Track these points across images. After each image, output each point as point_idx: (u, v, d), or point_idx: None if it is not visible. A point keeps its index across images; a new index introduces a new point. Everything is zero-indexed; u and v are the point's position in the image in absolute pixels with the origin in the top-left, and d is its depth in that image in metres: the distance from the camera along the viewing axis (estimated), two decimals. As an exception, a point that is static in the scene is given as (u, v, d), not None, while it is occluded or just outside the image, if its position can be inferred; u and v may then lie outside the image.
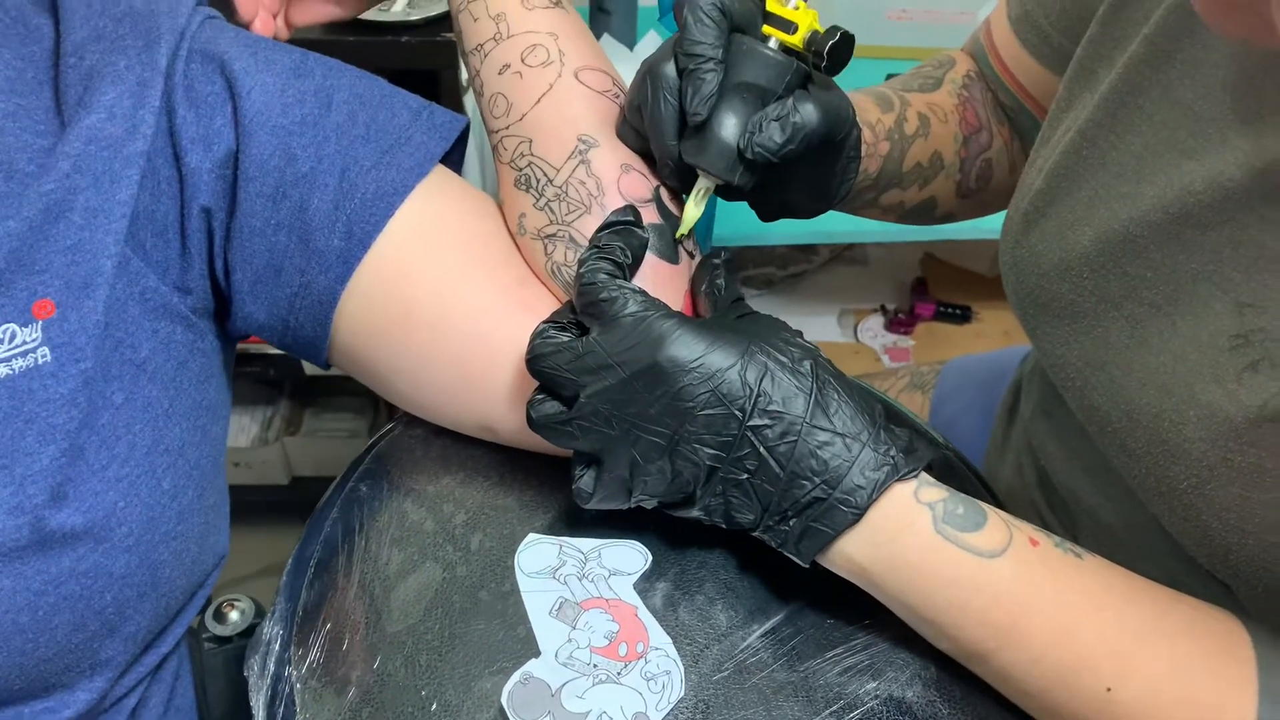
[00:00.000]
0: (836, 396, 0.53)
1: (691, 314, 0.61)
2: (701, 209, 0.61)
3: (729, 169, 0.58)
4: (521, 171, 0.62)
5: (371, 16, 1.13)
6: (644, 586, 0.59)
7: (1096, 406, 0.62)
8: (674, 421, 0.52)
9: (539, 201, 0.62)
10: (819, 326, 1.85)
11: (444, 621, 0.57)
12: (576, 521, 0.62)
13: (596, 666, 0.54)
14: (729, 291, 0.60)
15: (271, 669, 0.57)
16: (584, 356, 0.53)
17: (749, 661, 0.56)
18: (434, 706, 0.53)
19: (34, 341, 0.52)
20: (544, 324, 0.55)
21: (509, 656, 0.55)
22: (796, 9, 0.59)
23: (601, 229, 0.58)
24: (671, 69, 0.59)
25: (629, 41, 1.42)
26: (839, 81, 0.63)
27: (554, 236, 0.61)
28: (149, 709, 0.67)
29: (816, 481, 0.52)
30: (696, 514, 0.56)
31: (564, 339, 0.54)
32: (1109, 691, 0.51)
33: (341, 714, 0.53)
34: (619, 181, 0.61)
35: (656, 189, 0.62)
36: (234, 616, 0.76)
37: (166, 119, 0.57)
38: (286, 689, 0.55)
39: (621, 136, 0.63)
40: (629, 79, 0.64)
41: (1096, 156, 0.62)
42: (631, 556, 0.60)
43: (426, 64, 1.17)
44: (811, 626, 0.58)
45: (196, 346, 0.61)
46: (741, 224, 1.42)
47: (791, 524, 0.53)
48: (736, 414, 0.52)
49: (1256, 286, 0.53)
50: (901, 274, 1.97)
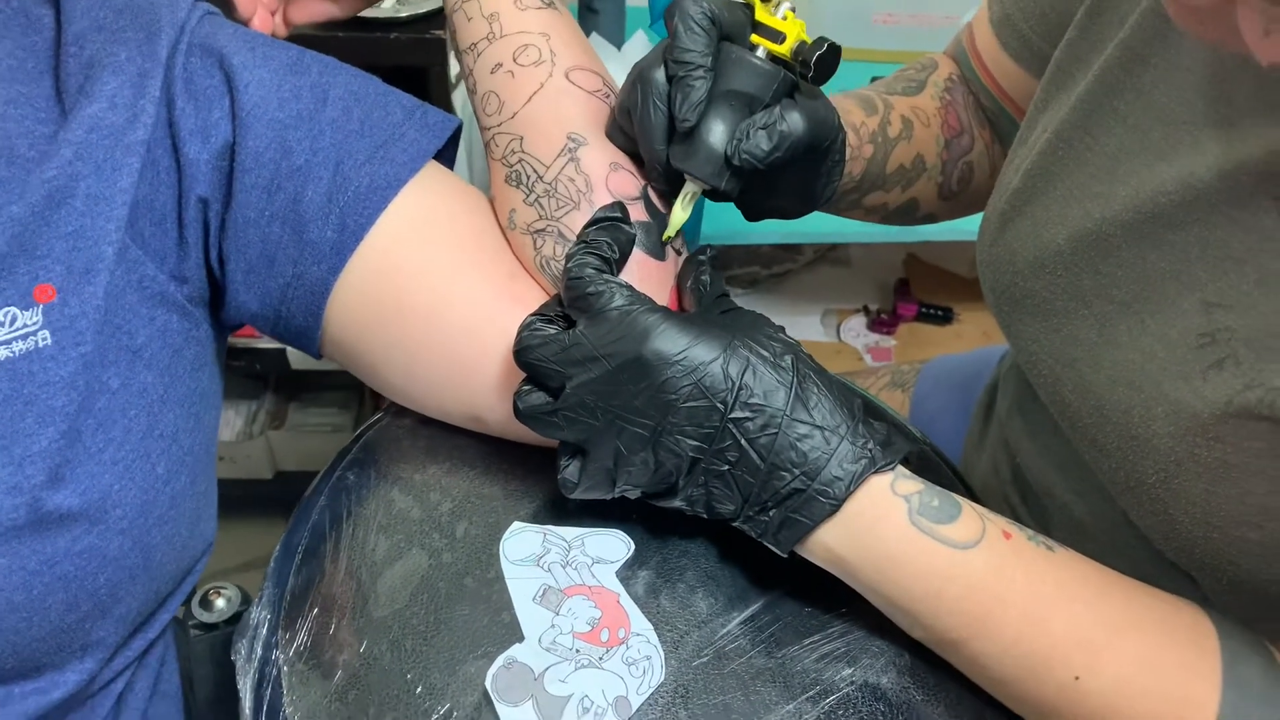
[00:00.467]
0: (816, 390, 0.54)
1: (677, 309, 0.62)
2: (688, 213, 0.62)
3: (716, 175, 0.59)
4: (512, 168, 0.63)
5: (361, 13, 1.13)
6: (626, 574, 0.60)
7: (1067, 402, 0.64)
8: (658, 413, 0.53)
9: (529, 197, 0.63)
10: (802, 326, 1.86)
11: (429, 607, 0.58)
12: (561, 511, 0.63)
13: (579, 651, 0.55)
14: (714, 287, 0.61)
15: (259, 652, 0.58)
16: (570, 349, 0.54)
17: (728, 648, 0.57)
18: (419, 690, 0.54)
19: (35, 325, 0.53)
20: (532, 317, 0.56)
21: (493, 641, 0.56)
22: (785, 19, 0.60)
23: (589, 224, 0.59)
24: (661, 75, 0.60)
25: (617, 41, 1.43)
26: (825, 90, 0.65)
27: (543, 232, 0.62)
28: (135, 694, 0.68)
29: (796, 473, 0.53)
30: (679, 504, 0.57)
31: (551, 331, 0.55)
32: (1078, 680, 0.52)
33: (328, 696, 0.54)
34: (607, 179, 0.62)
35: (644, 187, 0.63)
36: (220, 604, 0.77)
37: (166, 110, 0.58)
38: (274, 672, 0.56)
39: (611, 137, 0.64)
40: (617, 78, 0.65)
41: (1072, 157, 0.63)
42: (614, 545, 0.60)
43: (415, 60, 1.17)
44: (790, 614, 0.59)
45: (191, 335, 0.61)
46: (727, 223, 1.42)
47: (771, 514, 0.54)
48: (719, 406, 0.53)
49: (1224, 286, 0.55)
50: (884, 275, 1.97)
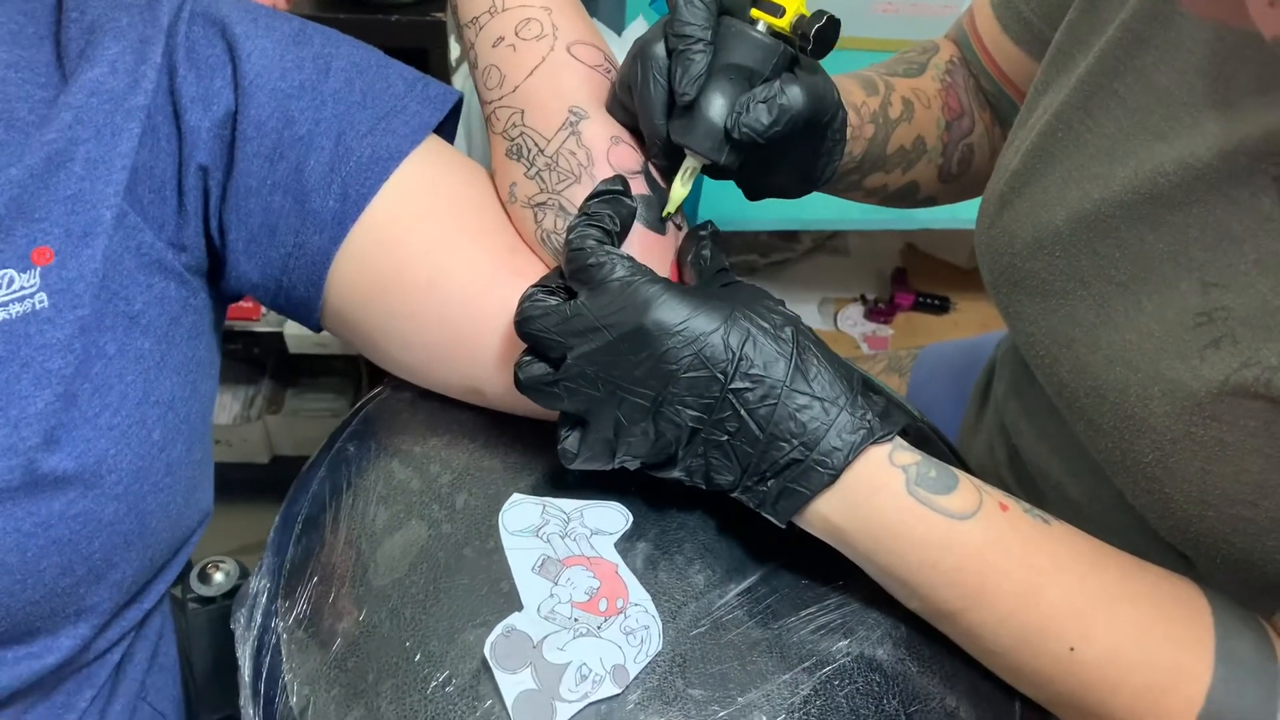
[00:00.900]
0: (816, 362, 0.54)
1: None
2: (688, 188, 0.62)
3: (716, 149, 0.59)
4: (513, 141, 0.64)
5: (362, -6, 1.14)
6: (625, 546, 0.60)
7: (1065, 382, 0.64)
8: (658, 383, 0.54)
9: (530, 171, 0.63)
10: (800, 314, 1.86)
11: (429, 576, 0.58)
12: (560, 483, 0.63)
13: (577, 620, 0.55)
14: (714, 261, 0.61)
15: (259, 621, 0.58)
16: (571, 319, 0.54)
17: (725, 619, 0.57)
18: (418, 657, 0.54)
19: (32, 287, 0.53)
20: (533, 288, 0.57)
21: (492, 610, 0.56)
22: None
23: (591, 197, 0.59)
24: (661, 49, 0.60)
25: (617, 26, 1.43)
26: (824, 65, 0.65)
27: (544, 205, 0.62)
28: (134, 664, 0.68)
29: (795, 443, 0.53)
30: (678, 474, 0.57)
31: (552, 302, 0.55)
32: (1072, 652, 0.52)
33: (327, 664, 0.54)
34: (608, 153, 0.62)
35: (645, 161, 0.64)
36: (219, 578, 0.77)
37: (167, 78, 0.58)
38: (273, 639, 0.56)
39: (611, 113, 0.64)
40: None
41: (1071, 138, 0.63)
42: (613, 517, 0.61)
43: (415, 42, 1.17)
44: (786, 586, 0.59)
45: (189, 303, 0.61)
46: (724, 209, 1.43)
47: (769, 485, 0.54)
48: (719, 377, 0.53)
49: (1221, 266, 0.55)
50: (882, 264, 1.98)
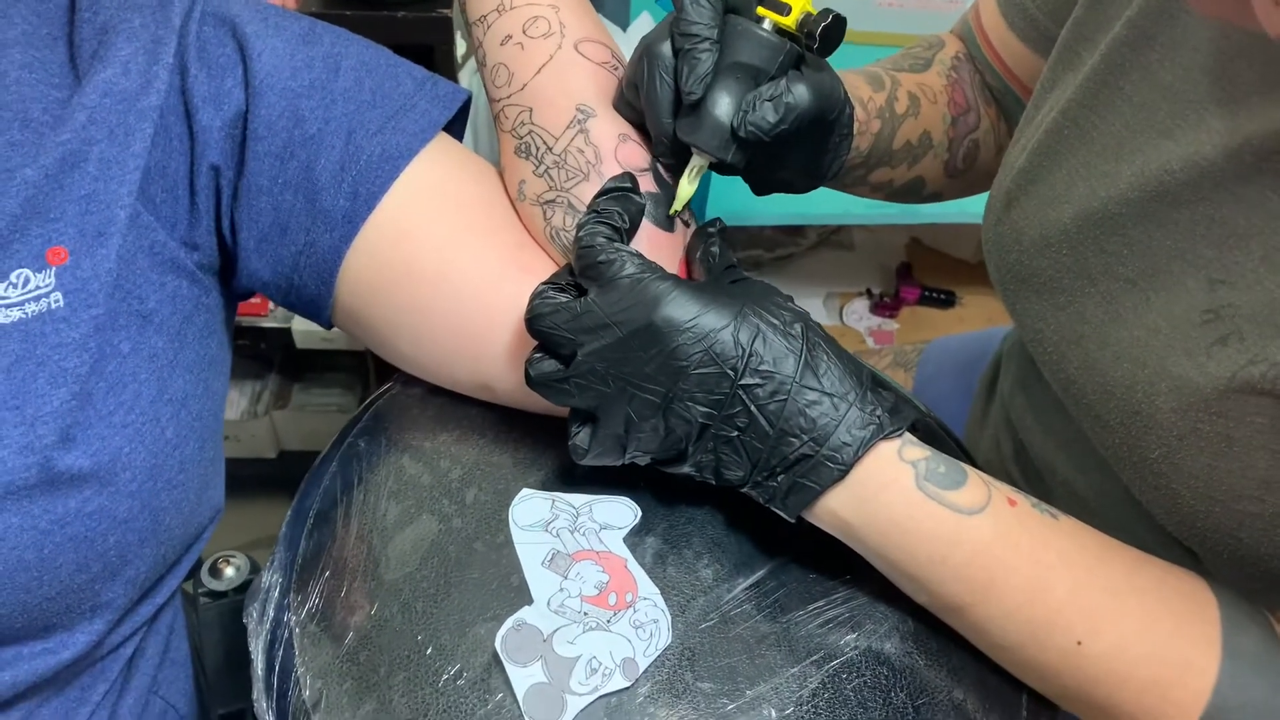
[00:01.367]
0: (826, 358, 0.54)
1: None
2: (695, 186, 0.62)
3: (722, 147, 0.60)
4: (522, 140, 0.64)
5: (368, -9, 1.14)
6: (634, 541, 0.60)
7: (1072, 379, 0.64)
8: (668, 380, 0.54)
9: (538, 169, 0.63)
10: (805, 308, 1.86)
11: (440, 570, 0.58)
12: (569, 478, 0.63)
13: (587, 614, 0.55)
14: (723, 258, 0.62)
15: (271, 615, 0.58)
16: (582, 316, 0.54)
17: (733, 612, 0.58)
18: (429, 650, 0.55)
19: (47, 287, 0.53)
20: (543, 285, 0.57)
21: (503, 604, 0.56)
22: None
23: (600, 194, 0.59)
24: (668, 48, 0.60)
25: (622, 23, 1.43)
26: (830, 61, 0.65)
27: (553, 203, 0.62)
28: (146, 659, 0.69)
29: (804, 439, 0.53)
30: (688, 470, 0.57)
31: (562, 299, 0.56)
32: (1079, 646, 0.53)
33: (339, 657, 0.55)
34: (616, 150, 0.62)
35: (653, 158, 0.64)
36: (230, 572, 0.77)
37: (179, 78, 0.58)
38: (285, 633, 0.57)
39: (619, 111, 0.64)
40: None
41: (1078, 136, 0.64)
42: (622, 512, 0.61)
43: (421, 39, 1.17)
44: (794, 580, 0.60)
45: (201, 302, 0.62)
46: (730, 204, 1.43)
47: (779, 480, 0.55)
48: (729, 373, 0.53)
49: (1228, 263, 0.55)
50: (887, 258, 1.98)
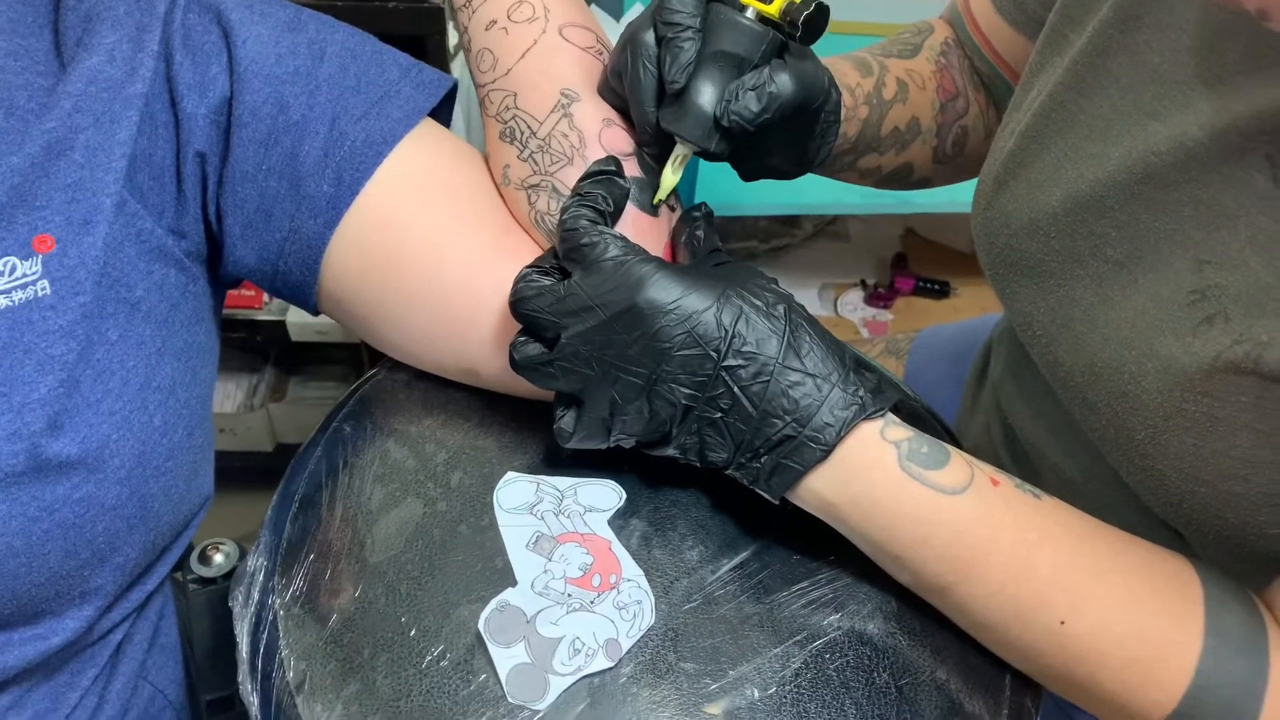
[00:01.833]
0: (808, 339, 0.54)
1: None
2: (679, 175, 0.62)
3: (705, 137, 0.59)
4: (506, 124, 0.64)
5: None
6: (618, 523, 0.60)
7: (1061, 361, 0.64)
8: (652, 362, 0.54)
9: (523, 153, 0.63)
10: (800, 300, 1.86)
11: (424, 553, 0.58)
12: (554, 462, 0.64)
13: (570, 596, 0.55)
14: (708, 242, 0.62)
15: (256, 598, 0.58)
16: (565, 299, 0.54)
17: (717, 593, 0.58)
18: (413, 632, 0.55)
19: (34, 275, 0.53)
20: (527, 269, 0.57)
21: (486, 586, 0.56)
22: None
23: (584, 178, 0.59)
24: (651, 37, 0.60)
25: (616, 12, 1.43)
26: (816, 49, 0.65)
27: (537, 187, 0.62)
28: (134, 645, 0.69)
29: (787, 420, 0.53)
30: (672, 452, 0.57)
31: (546, 283, 0.56)
32: (1062, 625, 0.53)
33: (324, 639, 0.55)
34: (600, 135, 0.62)
35: (637, 143, 0.64)
36: (219, 559, 0.77)
37: (164, 65, 0.58)
38: (270, 616, 0.57)
39: (603, 96, 0.64)
40: (615, 46, 0.65)
41: (1065, 119, 0.63)
42: (606, 494, 0.61)
43: (413, 29, 1.17)
44: (778, 562, 0.60)
45: (189, 289, 0.62)
46: (724, 195, 1.43)
47: (763, 461, 0.55)
48: (712, 354, 0.53)
49: (1215, 244, 0.55)
50: (882, 249, 1.98)
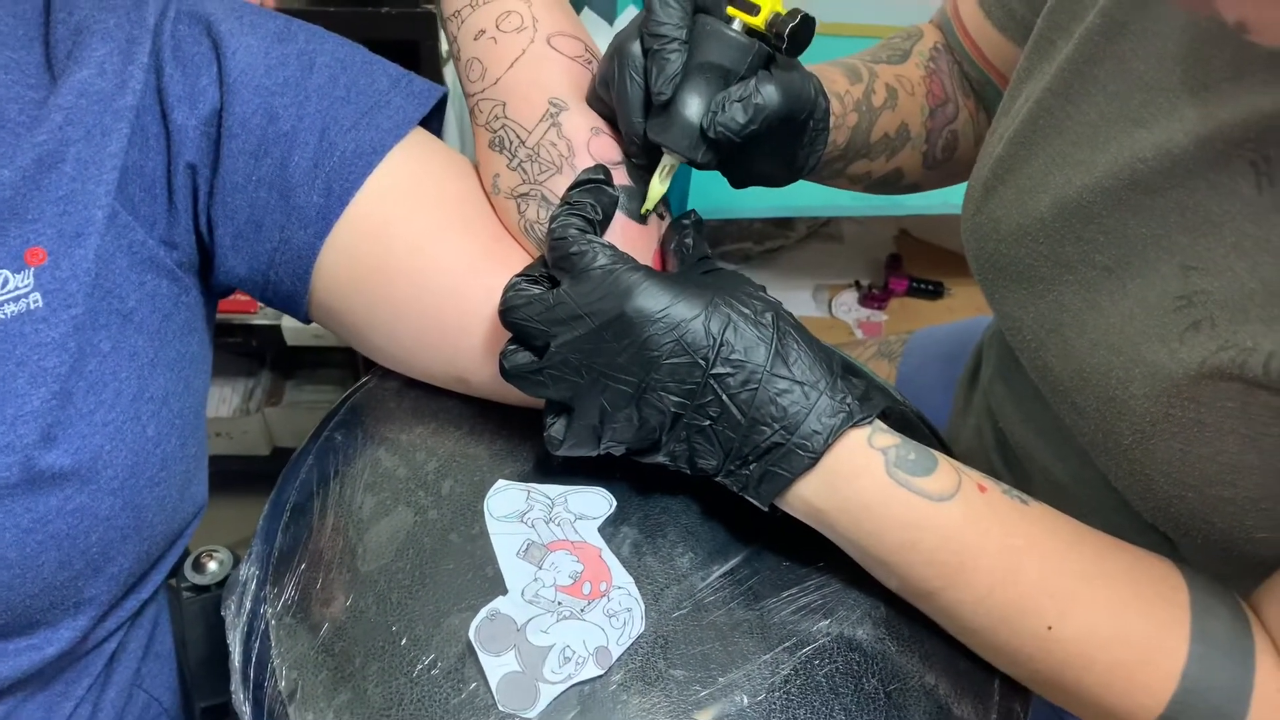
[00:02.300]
0: (796, 347, 0.55)
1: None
2: (666, 185, 0.62)
3: (692, 148, 0.60)
4: (495, 133, 0.64)
5: (353, -13, 1.14)
6: (609, 531, 0.61)
7: (1049, 367, 0.64)
8: (640, 370, 0.54)
9: (512, 162, 0.63)
10: (794, 301, 1.87)
11: (415, 562, 0.59)
12: (544, 469, 0.64)
13: (561, 604, 0.56)
14: (696, 249, 0.62)
15: (248, 607, 0.59)
16: (555, 308, 0.54)
17: (707, 600, 0.58)
18: (404, 641, 0.55)
19: (26, 287, 0.53)
20: (517, 277, 0.57)
21: (477, 594, 0.57)
22: None
23: (573, 186, 0.59)
24: (637, 48, 0.60)
25: (609, 16, 1.43)
26: (809, 55, 0.65)
27: (526, 195, 0.63)
28: (128, 653, 0.69)
29: (776, 427, 0.53)
30: (662, 459, 0.57)
31: (536, 291, 0.56)
32: (1050, 630, 0.53)
33: (315, 648, 0.55)
34: (589, 144, 0.62)
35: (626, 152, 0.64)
36: (213, 567, 0.77)
37: (154, 77, 0.59)
38: (262, 625, 0.57)
39: (591, 106, 0.64)
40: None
41: (1053, 125, 0.64)
42: (597, 502, 0.61)
43: (407, 35, 1.17)
44: (768, 568, 0.60)
45: (181, 300, 0.62)
46: (718, 198, 1.43)
47: (751, 468, 0.55)
48: (700, 362, 0.54)
49: (1201, 250, 0.55)
50: (876, 250, 1.98)
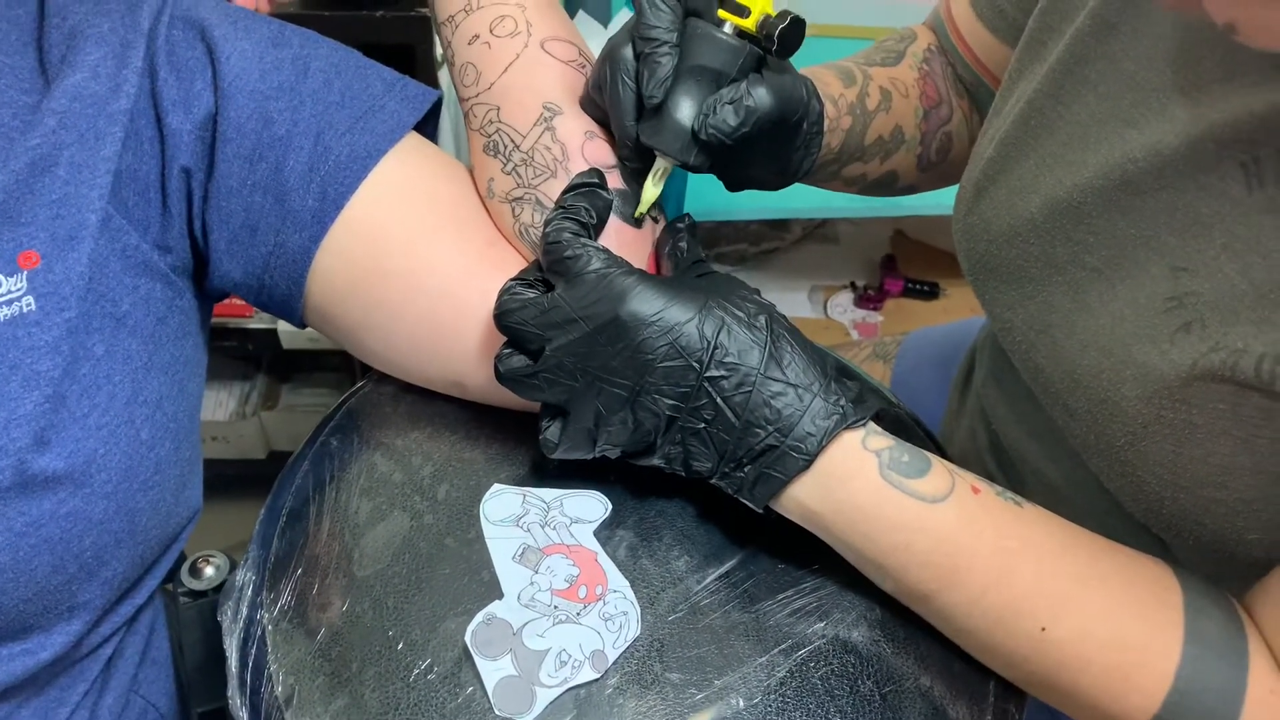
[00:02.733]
0: (790, 349, 0.55)
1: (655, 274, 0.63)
2: (659, 189, 0.62)
3: (684, 150, 0.60)
4: (490, 138, 0.64)
5: (347, -9, 1.14)
6: (604, 534, 0.61)
7: (1041, 368, 0.65)
8: (635, 373, 0.54)
9: (507, 166, 0.63)
10: (790, 303, 1.87)
11: (411, 566, 0.59)
12: (540, 473, 0.64)
13: (557, 608, 0.56)
14: (691, 253, 0.62)
15: (244, 613, 0.59)
16: (549, 312, 0.55)
17: (703, 603, 0.58)
18: (400, 646, 0.55)
19: (19, 291, 0.53)
20: (511, 281, 0.57)
21: (473, 599, 0.57)
22: None
23: (567, 190, 0.60)
24: (629, 52, 0.60)
25: (604, 19, 1.44)
26: (804, 53, 0.65)
27: (521, 199, 0.63)
28: (125, 659, 0.69)
29: (770, 430, 0.54)
30: (657, 462, 0.58)
31: (530, 295, 0.56)
32: (1043, 631, 0.53)
33: (312, 653, 0.55)
34: (583, 148, 0.63)
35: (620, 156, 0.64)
36: (209, 572, 0.77)
37: (149, 81, 0.59)
38: (259, 631, 0.57)
39: (585, 109, 0.64)
40: (602, 55, 0.66)
41: (1044, 126, 0.64)
42: (592, 506, 0.61)
43: (401, 38, 1.18)
44: (763, 571, 0.60)
45: (175, 304, 0.62)
46: (713, 200, 1.43)
47: (746, 471, 0.55)
48: (694, 366, 0.54)
49: (1191, 251, 0.56)
50: (871, 251, 1.98)
